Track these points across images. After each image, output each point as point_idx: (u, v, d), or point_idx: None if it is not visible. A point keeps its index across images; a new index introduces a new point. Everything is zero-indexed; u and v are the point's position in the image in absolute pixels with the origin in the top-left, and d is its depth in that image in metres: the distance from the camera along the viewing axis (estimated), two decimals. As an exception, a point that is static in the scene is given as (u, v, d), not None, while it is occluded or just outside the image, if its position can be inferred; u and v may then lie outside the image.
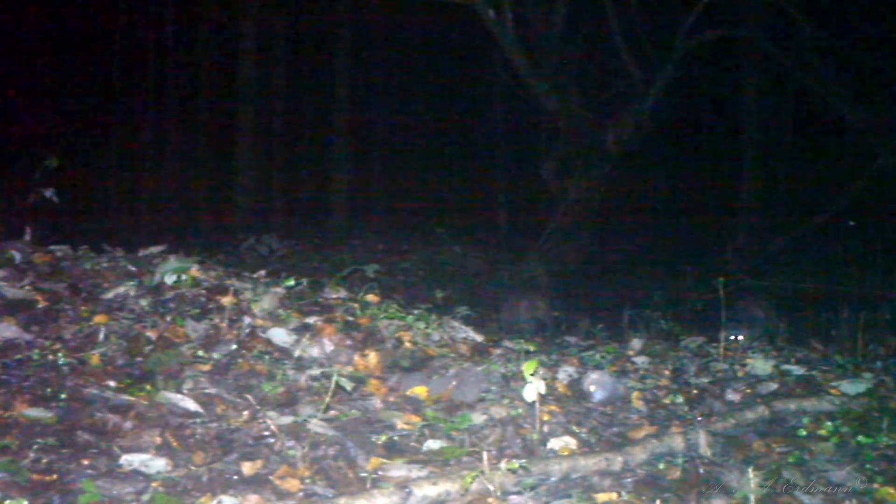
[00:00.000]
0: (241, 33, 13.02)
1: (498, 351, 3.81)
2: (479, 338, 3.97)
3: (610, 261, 11.00)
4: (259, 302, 3.66)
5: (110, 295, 3.61)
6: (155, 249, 4.34)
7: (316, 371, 3.17)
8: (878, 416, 3.21)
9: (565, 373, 3.53)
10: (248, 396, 2.89)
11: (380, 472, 2.51)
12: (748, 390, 3.57)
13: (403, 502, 2.28)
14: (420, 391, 3.18)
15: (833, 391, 3.54)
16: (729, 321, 5.29)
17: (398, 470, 2.52)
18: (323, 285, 4.36)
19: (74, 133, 15.86)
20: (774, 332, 5.38)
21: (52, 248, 4.12)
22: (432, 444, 2.74)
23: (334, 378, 2.92)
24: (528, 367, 2.78)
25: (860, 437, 3.05)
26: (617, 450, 2.74)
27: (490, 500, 2.38)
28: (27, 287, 3.51)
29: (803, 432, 3.14)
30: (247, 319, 3.51)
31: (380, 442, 2.71)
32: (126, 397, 2.76)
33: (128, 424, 2.59)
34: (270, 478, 2.40)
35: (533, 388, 2.77)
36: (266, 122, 14.46)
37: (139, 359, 3.07)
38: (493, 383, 3.25)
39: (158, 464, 2.39)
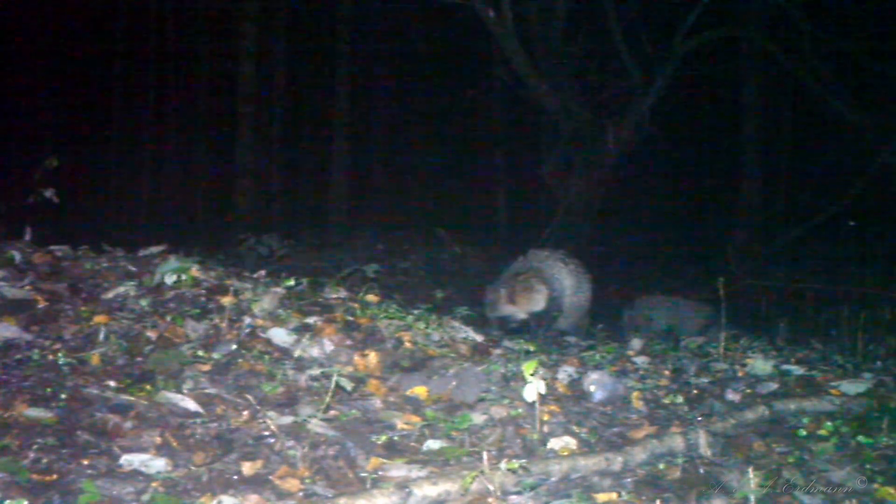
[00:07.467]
0: (241, 33, 13.01)
1: (498, 351, 3.81)
2: (479, 338, 3.97)
3: (610, 261, 10.99)
4: (259, 302, 3.66)
5: (110, 295, 3.60)
6: (155, 249, 4.33)
7: (316, 371, 3.16)
8: (878, 416, 3.21)
9: (565, 373, 3.53)
10: (248, 396, 2.89)
11: (380, 472, 2.51)
12: (748, 390, 3.57)
13: (403, 502, 2.28)
14: (420, 391, 3.18)
15: (833, 391, 3.54)
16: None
17: (398, 470, 2.52)
18: (323, 285, 4.35)
19: (74, 133, 15.87)
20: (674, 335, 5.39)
21: (52, 248, 4.11)
22: (432, 444, 2.74)
23: (334, 378, 2.92)
24: (528, 367, 2.78)
25: (860, 437, 3.04)
26: (617, 450, 2.74)
27: (490, 500, 2.38)
28: (27, 287, 3.51)
29: (803, 432, 3.14)
30: (247, 319, 3.51)
31: (380, 442, 2.71)
32: (126, 397, 2.75)
33: (128, 424, 2.59)
34: (270, 478, 2.40)
35: (533, 388, 2.77)
36: (266, 122, 14.45)
37: (139, 359, 3.07)
38: (493, 383, 3.25)
39: (158, 464, 2.39)
